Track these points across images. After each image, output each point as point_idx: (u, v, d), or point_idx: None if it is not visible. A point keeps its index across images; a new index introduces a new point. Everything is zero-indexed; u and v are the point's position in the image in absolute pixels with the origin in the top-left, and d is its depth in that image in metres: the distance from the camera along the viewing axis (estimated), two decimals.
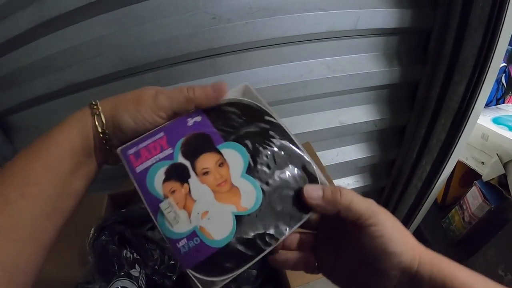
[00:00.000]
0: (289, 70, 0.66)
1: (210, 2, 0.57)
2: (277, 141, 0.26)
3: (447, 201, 1.03)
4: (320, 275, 0.31)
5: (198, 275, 0.22)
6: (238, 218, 0.23)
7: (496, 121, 0.89)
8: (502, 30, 0.59)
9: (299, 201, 0.25)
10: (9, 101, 0.67)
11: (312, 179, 0.26)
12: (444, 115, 0.75)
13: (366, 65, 0.71)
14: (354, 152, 0.89)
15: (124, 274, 0.46)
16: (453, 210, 0.97)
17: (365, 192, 1.00)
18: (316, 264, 0.30)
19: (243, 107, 0.28)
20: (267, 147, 0.26)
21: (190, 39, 0.58)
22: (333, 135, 0.81)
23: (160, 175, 0.24)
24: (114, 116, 0.27)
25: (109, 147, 0.27)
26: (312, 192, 0.25)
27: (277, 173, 0.25)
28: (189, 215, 0.23)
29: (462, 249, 0.94)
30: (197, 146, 0.25)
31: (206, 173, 0.24)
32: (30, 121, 0.72)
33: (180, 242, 0.22)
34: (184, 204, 0.23)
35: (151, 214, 0.24)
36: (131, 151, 0.25)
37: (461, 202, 0.94)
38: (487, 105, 0.99)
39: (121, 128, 0.27)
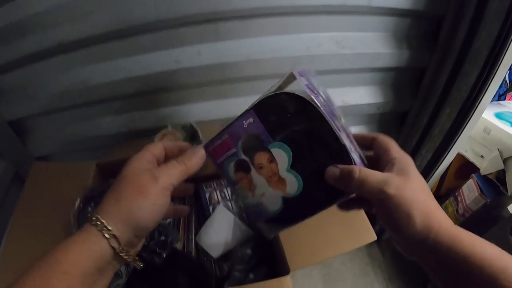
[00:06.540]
0: (296, 42, 0.63)
1: None
2: (317, 134, 0.31)
3: (441, 192, 1.02)
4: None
5: (259, 227, 0.35)
6: (285, 199, 0.32)
7: (498, 116, 0.88)
8: None
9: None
10: None
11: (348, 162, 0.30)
12: (450, 104, 0.74)
13: (375, 44, 0.68)
14: None
15: None
16: (447, 201, 0.97)
17: None
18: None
19: (287, 101, 0.31)
20: (309, 143, 0.31)
21: None
22: None
23: (231, 167, 0.34)
24: (130, 222, 0.26)
25: (127, 256, 0.27)
26: (329, 171, 0.29)
27: (315, 164, 0.31)
28: (253, 195, 0.34)
29: None
30: (253, 145, 0.32)
31: (261, 167, 0.33)
32: (17, 83, 0.67)
33: (250, 208, 0.34)
34: (249, 187, 0.34)
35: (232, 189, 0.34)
36: (210, 148, 0.34)
37: (456, 194, 0.94)
38: None
39: (140, 227, 0.27)
